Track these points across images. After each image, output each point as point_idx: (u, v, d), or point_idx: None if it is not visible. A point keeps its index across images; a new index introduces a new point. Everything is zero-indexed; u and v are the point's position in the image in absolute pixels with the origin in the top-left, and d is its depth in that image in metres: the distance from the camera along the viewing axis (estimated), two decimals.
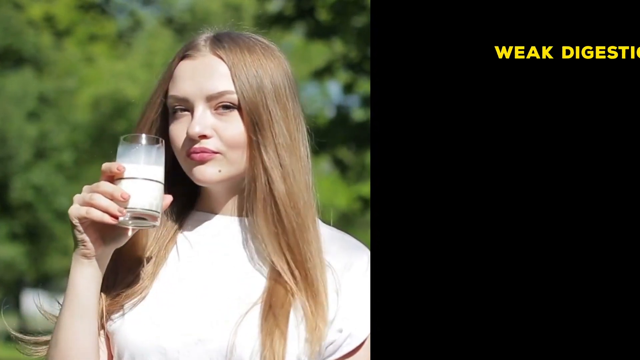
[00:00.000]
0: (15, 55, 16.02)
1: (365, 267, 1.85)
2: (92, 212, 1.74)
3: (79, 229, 1.77)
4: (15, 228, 21.29)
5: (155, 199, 1.77)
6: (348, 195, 14.99)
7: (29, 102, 19.81)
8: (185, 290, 1.84)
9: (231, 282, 1.83)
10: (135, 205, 1.76)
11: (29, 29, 15.66)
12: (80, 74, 20.43)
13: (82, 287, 1.79)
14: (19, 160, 20.08)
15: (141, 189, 1.77)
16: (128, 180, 1.77)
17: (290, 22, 9.29)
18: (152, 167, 1.78)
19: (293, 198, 1.83)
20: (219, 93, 1.82)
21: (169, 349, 1.78)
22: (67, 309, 1.79)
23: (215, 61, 1.83)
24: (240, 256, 1.85)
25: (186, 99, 1.83)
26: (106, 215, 1.74)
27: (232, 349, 1.76)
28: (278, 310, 1.78)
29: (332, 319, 1.80)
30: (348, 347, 1.82)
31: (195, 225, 1.90)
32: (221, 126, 1.82)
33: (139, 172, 1.77)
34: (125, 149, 1.79)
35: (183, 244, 1.89)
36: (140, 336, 1.80)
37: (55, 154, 20.50)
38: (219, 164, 1.83)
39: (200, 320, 1.80)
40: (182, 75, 1.84)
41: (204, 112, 1.82)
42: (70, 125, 20.71)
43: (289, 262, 1.81)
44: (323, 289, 1.80)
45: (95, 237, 1.78)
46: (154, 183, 1.78)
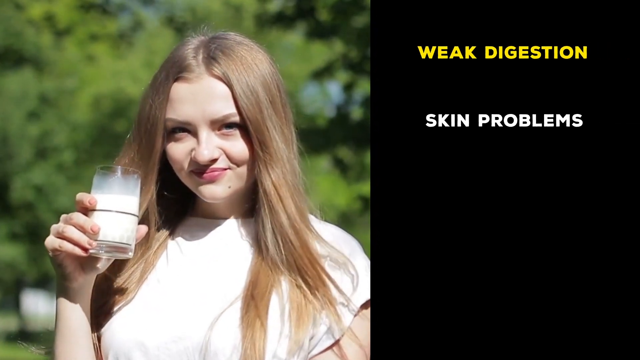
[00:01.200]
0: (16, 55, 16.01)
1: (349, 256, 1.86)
2: (64, 244, 1.77)
3: (57, 260, 1.80)
4: (16, 228, 21.29)
5: (127, 231, 1.79)
6: (348, 195, 15.00)
7: (29, 102, 19.82)
8: (170, 291, 1.86)
9: (217, 283, 1.85)
10: (105, 237, 1.78)
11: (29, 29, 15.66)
12: (81, 74, 20.42)
13: (71, 315, 1.82)
14: (20, 160, 20.08)
15: (113, 222, 1.78)
16: (100, 212, 1.78)
17: (291, 22, 9.29)
18: (126, 200, 1.79)
19: (300, 208, 1.85)
20: (224, 117, 1.83)
21: (150, 347, 1.81)
22: (61, 340, 1.83)
23: (214, 82, 1.83)
24: (228, 258, 1.87)
25: (188, 123, 1.84)
26: (77, 247, 1.77)
27: (207, 344, 1.78)
28: (259, 302, 1.79)
29: None
30: (328, 341, 1.82)
31: (187, 230, 1.92)
32: (227, 145, 1.84)
33: (112, 205, 1.78)
34: (101, 180, 1.80)
35: (173, 248, 1.90)
36: (123, 335, 1.83)
37: (56, 154, 20.51)
38: (229, 181, 1.85)
39: (181, 319, 1.82)
40: (181, 99, 1.84)
41: (209, 135, 1.83)
42: (70, 125, 20.71)
43: (305, 269, 1.83)
44: (329, 290, 1.82)
45: (73, 266, 1.80)
46: (126, 216, 1.79)
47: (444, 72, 1.82)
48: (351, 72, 9.55)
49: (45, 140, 20.25)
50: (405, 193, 1.81)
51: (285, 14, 9.21)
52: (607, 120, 1.80)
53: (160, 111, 1.84)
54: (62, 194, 20.09)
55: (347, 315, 1.82)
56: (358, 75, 9.55)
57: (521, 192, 1.81)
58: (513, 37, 1.82)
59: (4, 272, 23.25)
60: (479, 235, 1.80)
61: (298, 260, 1.82)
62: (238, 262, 1.86)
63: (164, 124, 1.85)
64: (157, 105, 1.85)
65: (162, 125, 1.84)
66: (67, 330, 1.82)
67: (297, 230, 1.83)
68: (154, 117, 1.85)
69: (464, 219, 1.80)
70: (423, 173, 1.81)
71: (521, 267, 1.80)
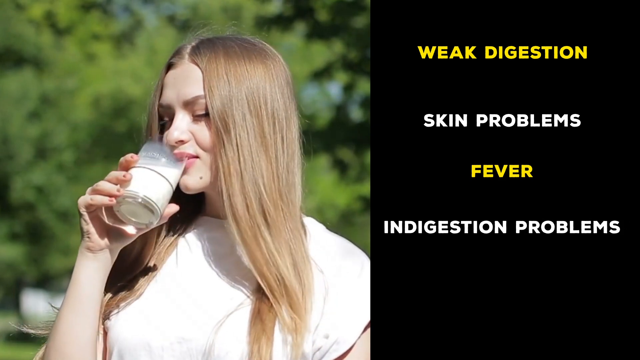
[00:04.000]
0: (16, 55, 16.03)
1: (359, 272, 1.84)
2: (96, 197, 1.76)
3: (85, 218, 1.77)
4: (16, 228, 21.30)
5: (161, 194, 1.77)
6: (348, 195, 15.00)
7: (29, 102, 19.83)
8: (177, 291, 1.85)
9: (222, 284, 1.84)
10: (137, 190, 1.75)
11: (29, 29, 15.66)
12: (81, 74, 20.42)
13: (84, 282, 1.79)
14: (20, 160, 20.09)
15: (149, 179, 1.76)
16: (140, 168, 1.77)
17: (290, 22, 9.29)
18: (169, 169, 1.79)
19: (251, 203, 1.81)
20: (194, 98, 1.83)
21: (154, 347, 1.80)
22: (67, 302, 1.80)
23: (191, 67, 1.85)
24: (235, 259, 1.86)
25: (169, 106, 1.85)
26: (106, 197, 1.75)
27: (211, 348, 1.77)
28: (265, 315, 1.78)
29: (317, 324, 1.80)
30: (335, 353, 1.80)
31: (198, 229, 1.91)
32: (197, 129, 1.84)
33: (153, 165, 1.78)
34: (150, 147, 1.81)
35: (183, 247, 1.90)
36: (129, 333, 1.82)
37: (56, 154, 20.51)
38: (199, 171, 1.83)
39: (186, 320, 1.81)
40: (166, 84, 1.87)
41: (183, 117, 1.84)
42: (71, 125, 20.72)
43: (257, 268, 1.80)
44: (298, 294, 1.79)
45: (100, 230, 1.78)
46: (164, 180, 1.78)
47: (443, 72, 1.83)
48: (351, 73, 9.55)
49: (45, 141, 20.26)
50: (405, 193, 1.82)
51: (284, 15, 9.21)
52: (605, 121, 1.80)
53: (155, 99, 1.88)
54: (62, 194, 20.10)
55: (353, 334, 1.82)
56: (358, 76, 9.55)
57: (521, 192, 1.81)
58: (513, 37, 1.82)
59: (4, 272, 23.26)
60: (478, 235, 1.80)
61: (246, 257, 1.81)
62: (241, 264, 1.85)
63: (157, 111, 1.87)
64: (155, 90, 1.89)
65: (156, 112, 1.87)
66: (78, 297, 1.79)
67: (238, 222, 1.80)
68: (150, 105, 1.89)
69: (464, 219, 1.81)
70: (423, 173, 1.82)
71: (522, 266, 1.80)
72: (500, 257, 1.80)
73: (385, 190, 1.82)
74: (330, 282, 1.82)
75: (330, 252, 1.86)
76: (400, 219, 1.81)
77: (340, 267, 1.84)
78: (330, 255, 1.85)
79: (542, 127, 1.81)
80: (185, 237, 1.91)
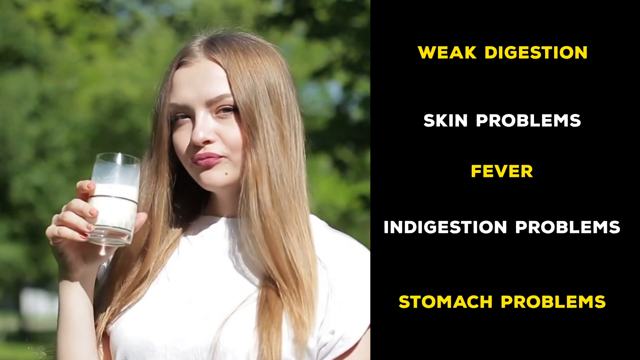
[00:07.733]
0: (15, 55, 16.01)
1: (362, 268, 1.84)
2: (63, 230, 1.78)
3: (57, 249, 1.80)
4: (16, 228, 21.31)
5: (126, 217, 1.79)
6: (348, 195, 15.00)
7: (29, 102, 19.83)
8: (179, 290, 1.86)
9: (225, 282, 1.84)
10: (104, 222, 1.78)
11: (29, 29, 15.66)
12: (81, 74, 20.42)
13: (72, 306, 1.82)
14: (20, 160, 20.09)
15: (112, 207, 1.78)
16: (100, 198, 1.79)
17: (290, 22, 9.29)
18: (126, 186, 1.80)
19: (277, 200, 1.82)
20: (218, 97, 1.83)
21: (158, 346, 1.81)
22: (63, 332, 1.83)
23: (211, 65, 1.85)
24: (237, 258, 1.86)
25: (186, 106, 1.84)
26: (76, 233, 1.77)
27: (216, 345, 1.77)
28: (273, 305, 1.78)
29: (322, 320, 1.80)
30: (341, 349, 1.81)
31: (199, 228, 1.91)
32: (223, 129, 1.83)
33: (111, 191, 1.79)
34: (101, 168, 1.81)
35: (185, 246, 1.90)
36: (132, 334, 1.83)
37: (56, 154, 20.51)
38: (225, 167, 1.84)
39: (189, 319, 1.81)
40: (180, 83, 1.85)
41: (206, 117, 1.83)
42: (70, 125, 20.72)
43: (276, 264, 1.81)
44: (309, 290, 1.80)
45: (75, 255, 1.81)
46: (126, 201, 1.79)
47: (443, 72, 1.83)
48: (351, 73, 9.55)
49: (45, 141, 20.26)
50: (405, 193, 1.82)
51: (284, 15, 9.21)
52: (605, 121, 1.80)
53: (164, 98, 1.86)
54: (62, 194, 20.09)
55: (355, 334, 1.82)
56: (358, 76, 9.55)
57: (521, 192, 1.81)
58: (513, 37, 1.83)
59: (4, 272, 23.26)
60: (478, 235, 1.81)
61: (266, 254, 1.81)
62: (248, 261, 1.86)
63: (168, 110, 1.86)
64: (162, 93, 1.87)
65: (166, 112, 1.86)
66: (69, 321, 1.82)
67: (264, 219, 1.81)
68: (159, 105, 1.87)
69: (464, 219, 1.81)
70: (423, 173, 1.82)
71: (522, 266, 1.80)
72: (500, 257, 1.80)
73: (385, 190, 1.82)
74: (333, 278, 1.83)
75: (333, 248, 1.86)
76: (400, 219, 1.81)
77: (342, 263, 1.84)
78: (333, 252, 1.86)
79: (542, 127, 1.81)
80: (187, 236, 1.91)
